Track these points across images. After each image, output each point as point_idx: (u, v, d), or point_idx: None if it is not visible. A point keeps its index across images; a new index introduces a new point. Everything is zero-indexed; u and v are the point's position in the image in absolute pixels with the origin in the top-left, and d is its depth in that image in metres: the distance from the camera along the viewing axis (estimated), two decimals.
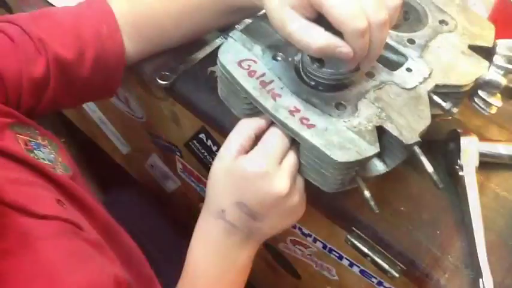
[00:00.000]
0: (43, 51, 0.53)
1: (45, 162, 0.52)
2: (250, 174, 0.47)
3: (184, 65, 0.64)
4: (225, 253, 0.52)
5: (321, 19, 0.42)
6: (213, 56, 0.66)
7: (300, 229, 0.67)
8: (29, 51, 0.53)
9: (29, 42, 0.53)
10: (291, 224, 0.54)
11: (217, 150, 0.69)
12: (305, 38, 0.42)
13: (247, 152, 0.49)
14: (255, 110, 0.50)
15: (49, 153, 0.54)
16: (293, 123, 0.46)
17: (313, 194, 0.54)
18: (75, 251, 0.46)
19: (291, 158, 0.49)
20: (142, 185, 1.05)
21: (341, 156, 0.44)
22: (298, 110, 0.47)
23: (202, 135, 0.69)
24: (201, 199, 0.86)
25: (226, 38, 0.66)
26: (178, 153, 0.79)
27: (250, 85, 0.48)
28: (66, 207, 0.49)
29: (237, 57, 0.50)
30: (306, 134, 0.45)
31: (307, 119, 0.46)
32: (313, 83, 0.49)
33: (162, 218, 0.93)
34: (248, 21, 0.66)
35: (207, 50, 0.66)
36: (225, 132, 0.63)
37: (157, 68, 0.64)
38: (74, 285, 0.42)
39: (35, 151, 0.52)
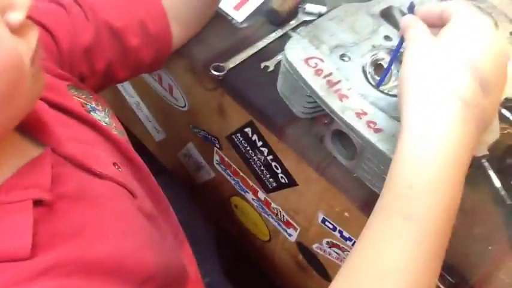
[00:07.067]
0: (92, 19, 0.55)
1: (102, 123, 0.52)
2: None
3: (237, 58, 0.63)
4: (458, 144, 0.39)
5: None
6: (266, 51, 0.65)
7: (340, 232, 0.66)
8: (79, 19, 0.55)
9: (79, 10, 0.55)
10: None
11: (262, 145, 0.69)
12: None
13: None
14: (316, 109, 0.49)
15: (104, 117, 0.54)
16: (360, 126, 0.45)
17: (363, 198, 0.53)
18: (127, 216, 0.45)
19: None
20: (171, 173, 1.04)
21: None
22: (365, 113, 0.46)
23: (248, 129, 0.68)
24: (234, 193, 0.86)
25: (278, 33, 0.65)
26: (217, 145, 0.78)
27: (317, 84, 0.47)
28: (122, 172, 0.49)
29: (304, 54, 0.49)
30: (372, 138, 0.45)
31: (374, 123, 0.45)
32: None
33: (190, 209, 0.92)
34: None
35: (260, 44, 0.65)
36: (273, 129, 0.62)
37: (209, 59, 0.63)
38: (122, 249, 0.41)
39: (91, 113, 0.52)
